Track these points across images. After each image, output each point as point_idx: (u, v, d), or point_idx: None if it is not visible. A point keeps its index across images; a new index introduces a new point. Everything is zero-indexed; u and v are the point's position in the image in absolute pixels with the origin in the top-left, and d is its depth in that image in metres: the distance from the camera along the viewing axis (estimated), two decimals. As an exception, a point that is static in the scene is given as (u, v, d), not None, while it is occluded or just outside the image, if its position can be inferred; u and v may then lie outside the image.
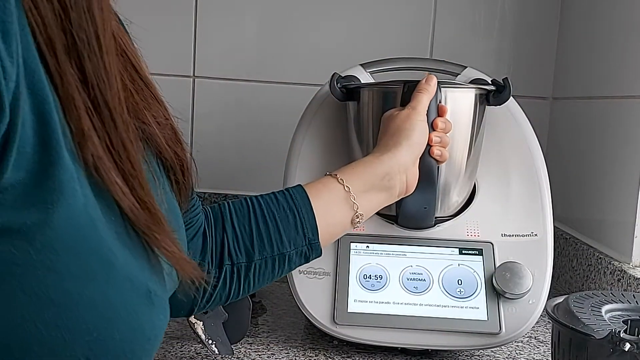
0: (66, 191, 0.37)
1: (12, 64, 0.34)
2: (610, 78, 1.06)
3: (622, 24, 1.03)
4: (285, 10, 1.28)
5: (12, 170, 0.34)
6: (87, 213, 0.38)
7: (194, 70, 1.30)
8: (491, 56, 1.29)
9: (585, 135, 1.14)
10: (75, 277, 0.38)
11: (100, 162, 0.40)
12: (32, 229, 0.35)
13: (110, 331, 0.39)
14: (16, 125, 0.34)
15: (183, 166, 0.56)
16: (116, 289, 0.40)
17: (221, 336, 0.81)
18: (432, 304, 0.83)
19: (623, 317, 0.68)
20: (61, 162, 0.37)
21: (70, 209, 0.37)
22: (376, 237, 0.87)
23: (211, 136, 1.30)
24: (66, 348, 0.38)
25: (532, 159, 0.91)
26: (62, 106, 0.38)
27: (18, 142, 0.35)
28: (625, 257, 0.96)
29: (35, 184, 0.36)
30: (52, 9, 0.38)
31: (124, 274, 0.41)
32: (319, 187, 0.71)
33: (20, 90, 0.35)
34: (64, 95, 0.38)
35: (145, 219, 0.43)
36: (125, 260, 0.41)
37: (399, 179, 0.74)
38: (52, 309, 0.37)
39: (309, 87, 1.17)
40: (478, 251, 0.86)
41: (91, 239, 0.39)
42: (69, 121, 0.39)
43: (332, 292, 0.84)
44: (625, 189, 0.98)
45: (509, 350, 0.88)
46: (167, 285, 0.48)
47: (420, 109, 0.77)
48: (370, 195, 0.72)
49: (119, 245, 0.41)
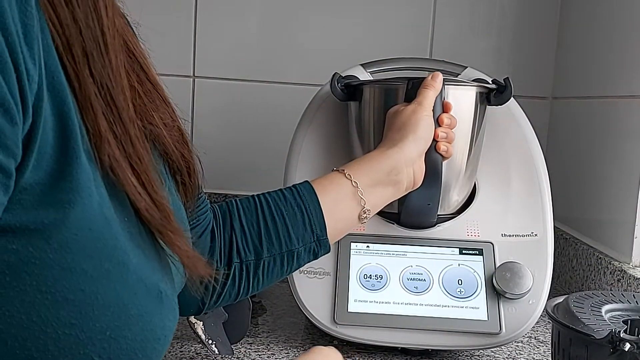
0: (83, 191, 0.37)
1: (34, 66, 0.35)
2: (610, 78, 1.06)
3: (622, 24, 1.03)
4: (285, 10, 1.28)
5: (32, 170, 0.35)
6: (102, 213, 0.39)
7: (194, 70, 1.30)
8: (491, 56, 1.29)
9: (585, 135, 1.14)
10: (90, 276, 0.38)
11: (116, 163, 0.40)
12: (49, 228, 0.36)
13: (123, 331, 0.40)
14: (38, 126, 0.35)
15: (189, 168, 0.57)
16: (129, 289, 0.40)
17: (221, 336, 0.81)
18: (432, 304, 0.83)
19: (623, 317, 0.68)
20: (79, 162, 0.37)
21: (86, 209, 0.38)
22: (376, 237, 0.87)
23: (211, 136, 1.30)
24: (80, 347, 0.38)
25: (532, 159, 0.91)
26: (79, 107, 0.39)
27: (39, 143, 0.35)
28: (625, 257, 0.96)
29: (53, 184, 0.36)
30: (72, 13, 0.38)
31: (137, 274, 0.41)
32: (326, 183, 0.71)
33: (42, 92, 0.35)
34: (82, 96, 0.39)
35: (160, 218, 0.44)
36: (139, 261, 0.42)
37: (406, 173, 0.74)
38: (67, 308, 0.37)
39: (309, 87, 1.17)
40: (478, 251, 0.86)
41: (106, 239, 0.39)
42: (86, 122, 0.39)
43: (332, 292, 0.84)
44: (625, 189, 0.98)
45: (509, 350, 0.88)
46: (177, 286, 0.49)
47: (427, 105, 0.77)
48: (377, 190, 0.72)
49: (132, 246, 0.41)
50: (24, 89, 0.34)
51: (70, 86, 0.38)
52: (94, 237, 0.38)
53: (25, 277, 0.36)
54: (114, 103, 0.41)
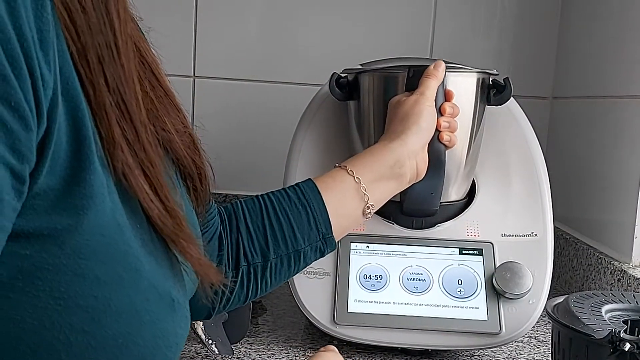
0: (96, 197, 0.37)
1: (49, 71, 0.34)
2: (610, 78, 1.06)
3: (622, 24, 1.03)
4: (285, 10, 1.28)
5: (45, 176, 0.35)
6: (115, 220, 0.39)
7: (194, 70, 1.30)
8: (491, 56, 1.29)
9: (585, 135, 1.14)
10: (103, 283, 0.38)
11: (129, 169, 0.40)
12: (63, 234, 0.36)
13: (135, 338, 0.40)
14: (52, 132, 0.35)
15: (201, 174, 0.56)
16: (142, 296, 0.40)
17: (221, 336, 0.81)
18: (432, 304, 0.83)
19: (623, 317, 0.68)
20: (92, 168, 0.37)
21: (99, 215, 0.37)
22: (376, 237, 0.87)
23: (211, 136, 1.29)
24: (91, 353, 0.38)
25: (532, 159, 0.91)
26: (92, 113, 0.39)
27: (53, 148, 0.35)
28: (625, 257, 0.96)
29: (67, 190, 0.36)
30: (87, 20, 0.38)
31: (149, 281, 0.41)
32: (329, 181, 0.70)
33: (57, 98, 0.35)
34: (96, 103, 0.39)
35: (172, 226, 0.43)
36: (151, 268, 0.41)
37: (409, 165, 0.73)
38: (80, 314, 0.37)
39: (309, 87, 1.17)
40: (478, 251, 0.86)
41: (118, 245, 0.39)
42: (100, 128, 0.39)
43: (332, 292, 0.84)
44: (625, 189, 0.98)
45: (509, 350, 0.88)
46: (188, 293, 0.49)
47: (429, 95, 0.76)
48: (381, 185, 0.72)
49: (145, 253, 0.41)
50: (39, 94, 0.34)
51: (85, 92, 0.38)
52: (106, 243, 0.38)
53: (38, 283, 0.36)
54: (127, 109, 0.41)
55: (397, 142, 0.73)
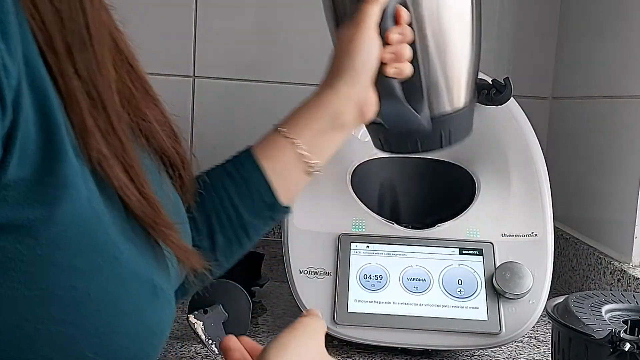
0: (70, 187, 0.37)
1: (12, 61, 0.34)
2: (610, 78, 1.06)
3: (622, 24, 1.03)
4: (285, 10, 1.28)
5: (15, 167, 0.35)
6: (92, 208, 0.39)
7: (194, 70, 1.30)
8: (491, 56, 1.29)
9: (585, 135, 1.14)
10: (81, 273, 0.38)
11: (104, 158, 0.40)
12: (37, 225, 0.36)
13: (117, 327, 0.40)
14: (18, 122, 0.35)
15: (184, 162, 0.56)
16: (122, 284, 0.40)
17: (221, 336, 0.81)
18: (432, 304, 0.83)
19: (623, 317, 0.68)
20: (65, 158, 0.37)
21: (75, 204, 0.37)
22: (376, 237, 0.87)
23: (211, 136, 1.30)
24: (73, 344, 0.38)
25: (532, 159, 0.91)
26: (64, 103, 0.38)
27: (21, 139, 0.35)
28: (625, 257, 0.96)
29: (38, 180, 0.36)
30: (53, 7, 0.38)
31: (129, 269, 0.41)
32: (267, 149, 0.67)
33: (22, 88, 0.35)
34: (66, 91, 0.38)
35: (151, 213, 0.43)
36: (131, 255, 0.41)
37: (351, 112, 0.67)
38: (59, 305, 0.37)
39: (308, 87, 1.16)
40: (478, 251, 0.86)
41: (96, 234, 0.39)
42: (72, 118, 0.39)
43: (332, 292, 0.84)
44: (625, 189, 0.98)
45: (509, 350, 0.88)
46: (172, 279, 0.48)
47: (366, 26, 0.65)
48: (323, 140, 0.67)
49: (124, 240, 0.41)
50: (2, 85, 0.33)
51: (54, 81, 0.38)
52: (83, 233, 0.38)
53: (13, 275, 0.35)
54: (100, 97, 0.40)
55: (332, 92, 0.67)
